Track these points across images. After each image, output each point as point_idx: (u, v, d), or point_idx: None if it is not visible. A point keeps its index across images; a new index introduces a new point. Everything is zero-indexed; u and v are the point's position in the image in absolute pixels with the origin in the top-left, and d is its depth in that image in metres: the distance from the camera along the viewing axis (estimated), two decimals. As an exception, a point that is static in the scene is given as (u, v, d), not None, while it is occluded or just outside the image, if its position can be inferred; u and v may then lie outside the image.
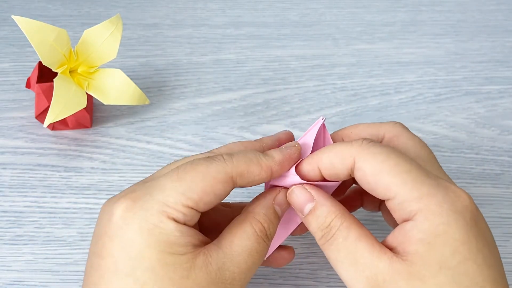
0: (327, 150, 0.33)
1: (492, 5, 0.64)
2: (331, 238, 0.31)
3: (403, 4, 0.64)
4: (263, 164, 0.33)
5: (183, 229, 0.30)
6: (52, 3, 0.61)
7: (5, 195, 0.45)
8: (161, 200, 0.30)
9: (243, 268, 0.31)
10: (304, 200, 0.33)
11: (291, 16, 0.62)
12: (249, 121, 0.51)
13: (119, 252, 0.30)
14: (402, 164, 0.30)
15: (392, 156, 0.31)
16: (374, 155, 0.31)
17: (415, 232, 0.29)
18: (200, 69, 0.56)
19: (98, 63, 0.47)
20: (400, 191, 0.30)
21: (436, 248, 0.29)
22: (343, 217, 0.32)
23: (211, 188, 0.31)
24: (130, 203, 0.30)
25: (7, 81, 0.53)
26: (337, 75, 0.56)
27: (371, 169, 0.31)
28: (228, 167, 0.31)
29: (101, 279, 0.30)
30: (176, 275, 0.29)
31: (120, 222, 0.30)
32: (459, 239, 0.29)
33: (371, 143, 0.32)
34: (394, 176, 0.30)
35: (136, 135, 0.50)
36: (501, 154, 0.50)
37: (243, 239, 0.32)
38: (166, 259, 0.29)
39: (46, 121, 0.43)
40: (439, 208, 0.29)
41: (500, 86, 0.56)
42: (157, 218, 0.30)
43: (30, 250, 0.42)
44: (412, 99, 0.54)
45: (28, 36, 0.43)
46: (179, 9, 0.62)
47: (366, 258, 0.30)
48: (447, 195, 0.30)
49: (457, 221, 0.29)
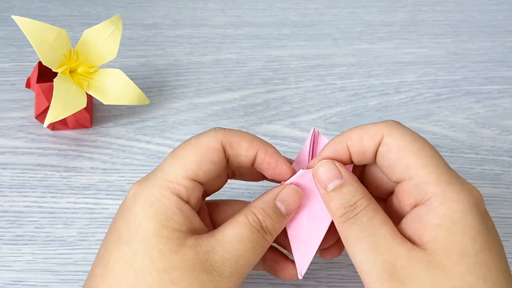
0: (357, 128, 0.33)
1: (492, 5, 0.64)
2: (354, 216, 0.31)
3: (403, 4, 0.64)
4: (253, 142, 0.34)
5: (184, 208, 0.32)
6: (52, 3, 0.61)
7: (5, 195, 0.45)
8: (163, 177, 0.32)
9: (233, 254, 0.31)
10: (332, 175, 0.33)
11: (291, 16, 0.62)
12: (249, 121, 0.51)
13: (123, 225, 0.32)
14: (427, 149, 0.31)
15: (419, 139, 0.32)
16: (403, 134, 0.32)
17: (431, 217, 0.30)
18: (200, 69, 0.56)
19: (98, 63, 0.47)
20: (419, 172, 0.31)
21: (456, 235, 0.29)
22: (370, 199, 0.32)
23: (205, 156, 0.32)
24: (139, 184, 0.33)
25: (7, 81, 0.53)
26: (337, 75, 0.56)
27: (396, 145, 0.31)
28: (219, 135, 0.33)
29: (105, 251, 0.32)
30: (166, 248, 0.30)
31: (131, 200, 0.32)
32: (476, 228, 0.29)
33: (399, 124, 0.33)
34: (417, 158, 0.31)
35: (136, 135, 0.50)
36: (501, 154, 0.50)
37: (235, 227, 0.32)
38: (161, 231, 0.31)
39: (46, 121, 0.43)
40: (456, 195, 0.30)
41: (500, 86, 0.56)
42: (159, 192, 0.32)
43: (30, 250, 0.42)
44: (412, 99, 0.54)
45: (28, 36, 0.43)
46: (179, 9, 0.62)
47: (388, 242, 0.30)
48: (463, 187, 0.30)
49: (472, 211, 0.29)
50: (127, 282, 0.30)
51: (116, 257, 0.31)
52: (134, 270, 0.30)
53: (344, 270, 0.41)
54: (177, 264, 0.30)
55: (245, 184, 0.46)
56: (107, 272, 0.31)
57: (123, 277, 0.30)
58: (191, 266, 0.30)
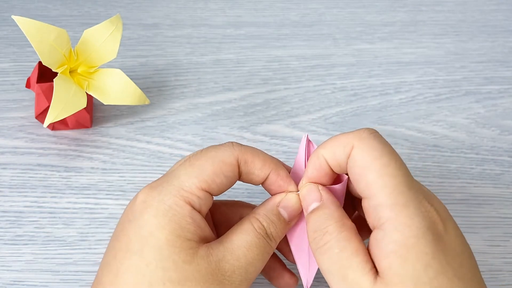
0: (331, 139, 0.33)
1: (492, 5, 0.64)
2: (324, 245, 0.31)
3: (403, 4, 0.64)
4: (267, 162, 0.34)
5: (197, 217, 0.32)
6: (52, 3, 0.61)
7: (5, 195, 0.45)
8: (177, 185, 0.32)
9: (242, 261, 0.31)
10: (312, 198, 0.33)
11: (291, 16, 0.62)
12: (249, 121, 0.51)
13: (133, 233, 0.31)
14: (391, 167, 0.30)
15: (386, 156, 0.30)
16: (370, 148, 0.31)
17: (386, 243, 0.29)
18: (200, 69, 0.56)
19: (98, 63, 0.47)
20: (377, 193, 0.30)
21: (409, 263, 0.28)
22: (343, 226, 0.31)
23: (221, 170, 0.32)
24: (150, 190, 0.32)
25: (7, 81, 0.53)
26: (337, 75, 0.56)
27: (361, 161, 0.31)
28: (236, 151, 0.33)
29: (113, 258, 0.31)
30: (179, 258, 0.30)
31: (140, 206, 0.32)
32: (430, 254, 0.29)
33: (372, 134, 0.31)
34: (378, 177, 0.30)
35: (136, 135, 0.50)
36: (501, 154, 0.50)
37: (242, 234, 0.32)
38: (174, 241, 0.31)
39: (46, 121, 0.43)
40: (409, 220, 0.29)
41: (500, 86, 0.56)
42: (173, 201, 0.31)
43: (30, 250, 0.42)
44: (412, 99, 0.54)
45: (28, 36, 0.43)
46: (179, 9, 0.62)
47: (356, 275, 0.29)
48: (418, 209, 0.29)
49: (425, 236, 0.29)
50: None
51: (126, 266, 0.31)
52: (147, 280, 0.30)
53: (344, 270, 0.41)
54: (191, 275, 0.30)
55: (245, 184, 0.46)
56: (117, 280, 0.30)
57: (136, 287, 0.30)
58: (204, 277, 0.30)
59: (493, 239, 0.44)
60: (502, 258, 0.43)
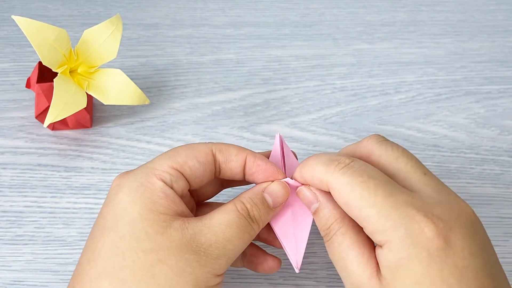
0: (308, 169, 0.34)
1: (492, 5, 0.64)
2: (329, 240, 0.33)
3: (403, 4, 0.64)
4: (241, 149, 0.35)
5: (168, 192, 0.32)
6: (52, 3, 0.61)
7: (5, 195, 0.45)
8: (150, 166, 0.34)
9: (220, 237, 0.32)
10: (311, 199, 0.34)
11: (291, 16, 0.62)
12: (249, 121, 0.51)
13: (108, 213, 0.32)
14: (366, 198, 0.31)
15: (357, 189, 0.31)
16: (342, 186, 0.32)
17: (382, 260, 0.31)
18: (200, 69, 0.56)
19: (98, 63, 0.47)
20: (366, 225, 0.31)
21: (399, 279, 0.30)
22: (342, 221, 0.33)
23: (193, 155, 0.34)
24: (123, 174, 0.34)
25: (7, 81, 0.53)
26: (337, 75, 0.56)
27: (341, 200, 0.32)
28: (209, 144, 0.35)
29: (91, 240, 0.32)
30: (152, 230, 0.31)
31: (115, 189, 0.33)
32: (420, 272, 0.29)
33: (342, 170, 0.32)
34: (360, 210, 0.31)
35: (136, 135, 0.50)
36: (501, 154, 0.50)
37: (223, 213, 0.33)
38: (147, 214, 0.31)
39: (46, 121, 0.43)
40: (401, 242, 0.30)
41: (500, 86, 0.56)
42: (145, 178, 0.33)
43: (30, 250, 0.42)
44: (412, 99, 0.54)
45: (28, 36, 0.43)
46: (179, 9, 0.62)
47: (353, 266, 0.32)
48: (409, 228, 0.30)
49: (418, 255, 0.29)
50: (114, 263, 0.31)
51: (102, 242, 0.31)
52: (121, 251, 0.31)
53: (344, 270, 0.41)
54: (163, 244, 0.31)
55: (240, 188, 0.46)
56: (94, 257, 0.31)
57: (110, 259, 0.31)
58: (178, 246, 0.31)
59: (493, 239, 0.44)
60: (502, 258, 0.43)
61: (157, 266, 0.30)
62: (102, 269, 0.31)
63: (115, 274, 0.30)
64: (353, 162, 0.32)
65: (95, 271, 0.31)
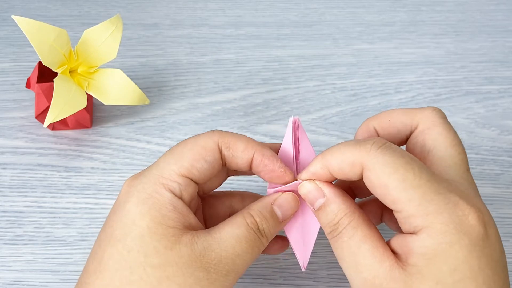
0: (336, 154, 0.32)
1: (492, 5, 0.64)
2: (337, 235, 0.32)
3: (403, 4, 0.64)
4: (249, 144, 0.34)
5: (177, 204, 0.32)
6: (52, 3, 0.61)
7: (5, 195, 0.45)
8: (157, 173, 0.32)
9: (230, 252, 0.31)
10: (316, 195, 0.33)
11: (291, 16, 0.62)
12: (249, 121, 0.51)
13: (116, 222, 0.32)
14: (410, 179, 0.29)
15: (400, 170, 0.30)
16: (382, 166, 0.30)
17: (416, 246, 0.29)
18: (200, 69, 0.56)
19: (98, 63, 0.47)
20: (406, 208, 0.29)
21: (435, 265, 0.29)
22: (352, 215, 0.32)
23: (200, 155, 0.33)
24: (132, 180, 0.33)
25: (7, 81, 0.53)
26: (337, 75, 0.56)
27: (378, 181, 0.30)
28: (215, 136, 0.33)
29: (98, 247, 0.32)
30: (160, 245, 0.30)
31: (124, 197, 0.32)
32: (460, 258, 0.29)
33: (380, 149, 0.30)
34: (400, 192, 0.29)
35: (136, 135, 0.50)
36: (501, 154, 0.50)
37: (233, 227, 0.32)
38: (155, 228, 0.31)
39: (46, 121, 0.43)
40: (444, 226, 0.29)
41: (500, 86, 0.56)
42: (153, 189, 0.32)
43: (30, 250, 0.42)
44: (412, 99, 0.54)
45: (28, 36, 0.43)
46: (179, 9, 0.62)
47: (367, 260, 0.30)
48: (454, 214, 0.29)
49: (460, 241, 0.29)
50: (121, 277, 0.30)
51: (109, 253, 0.31)
52: (128, 266, 0.30)
53: (344, 270, 0.41)
54: (172, 260, 0.30)
55: (244, 184, 0.46)
56: (101, 268, 0.31)
57: (117, 273, 0.30)
58: (187, 262, 0.30)
59: (493, 239, 0.44)
60: (502, 258, 0.43)
61: (165, 283, 0.30)
62: (109, 282, 0.30)
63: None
64: (389, 143, 0.31)
65: (101, 283, 0.30)
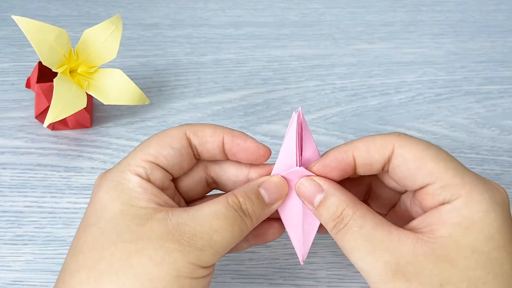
0: (364, 139, 0.33)
1: (492, 5, 0.64)
2: (344, 227, 0.31)
3: (403, 4, 0.64)
4: (218, 129, 0.34)
5: (146, 186, 0.32)
6: (52, 3, 0.61)
7: (5, 195, 0.45)
8: (124, 162, 0.33)
9: (206, 227, 0.31)
10: (314, 191, 0.33)
11: (291, 16, 0.62)
12: (249, 121, 0.51)
13: (90, 211, 0.32)
14: (443, 154, 0.32)
15: (432, 146, 0.32)
16: (416, 143, 0.32)
17: (452, 216, 0.30)
18: (200, 69, 0.56)
19: (98, 63, 0.47)
20: (442, 177, 0.31)
21: (472, 233, 0.29)
22: (355, 206, 0.32)
23: (166, 143, 0.33)
24: (103, 174, 0.34)
25: (7, 81, 0.53)
26: (337, 75, 0.56)
27: (412, 155, 0.32)
28: (183, 127, 0.34)
29: (75, 238, 0.32)
30: (133, 223, 0.31)
31: (96, 188, 0.33)
32: (496, 227, 0.30)
33: (408, 135, 0.33)
34: (436, 162, 0.31)
35: (136, 135, 0.50)
36: (501, 154, 0.50)
37: (212, 204, 0.32)
38: (128, 210, 0.31)
39: (46, 121, 0.43)
40: (480, 196, 0.30)
41: (500, 86, 0.56)
42: (120, 176, 0.32)
43: (30, 250, 0.42)
44: (412, 99, 0.54)
45: (28, 36, 0.43)
46: (179, 9, 0.62)
47: (386, 244, 0.30)
48: (486, 186, 0.31)
49: (495, 211, 0.30)
50: (93, 256, 0.30)
51: (84, 238, 0.31)
52: (100, 244, 0.30)
53: (344, 270, 0.41)
54: (143, 235, 0.30)
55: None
56: (76, 252, 0.31)
57: (90, 252, 0.30)
58: (159, 236, 0.30)
59: (493, 239, 0.44)
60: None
61: (135, 256, 0.30)
62: (82, 262, 0.31)
63: (93, 266, 0.30)
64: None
65: (75, 264, 0.31)
